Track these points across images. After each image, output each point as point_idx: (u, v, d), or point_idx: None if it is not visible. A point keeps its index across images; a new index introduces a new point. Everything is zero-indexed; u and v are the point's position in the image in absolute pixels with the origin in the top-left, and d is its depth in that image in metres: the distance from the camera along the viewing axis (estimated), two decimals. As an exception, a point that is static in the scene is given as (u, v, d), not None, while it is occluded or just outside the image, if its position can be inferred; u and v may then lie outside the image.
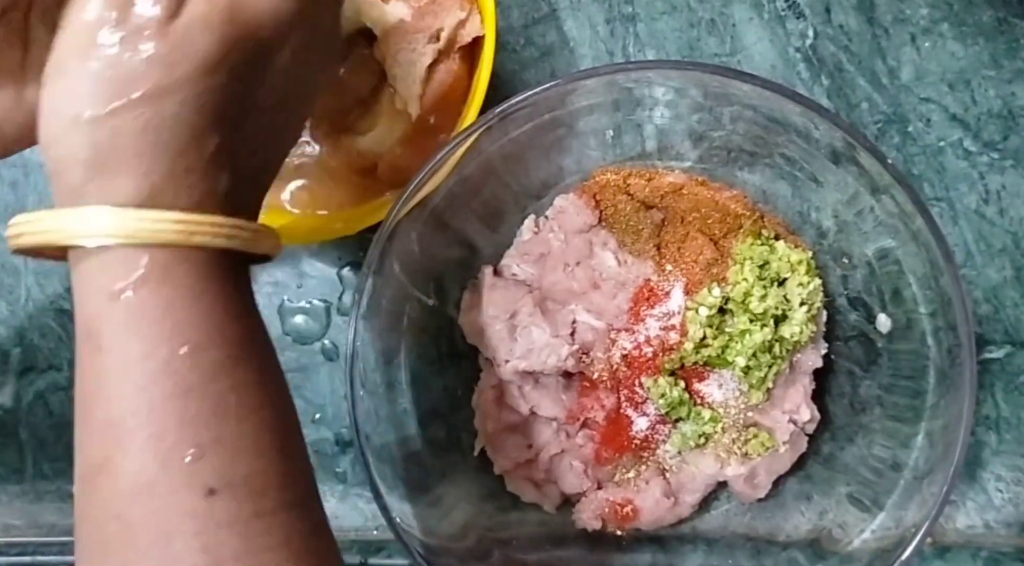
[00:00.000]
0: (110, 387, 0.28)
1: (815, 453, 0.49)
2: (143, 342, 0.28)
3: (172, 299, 0.28)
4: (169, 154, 0.28)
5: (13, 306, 0.54)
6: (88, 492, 0.29)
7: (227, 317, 0.30)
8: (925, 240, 0.42)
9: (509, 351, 0.47)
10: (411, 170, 0.44)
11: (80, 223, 0.28)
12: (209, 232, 0.29)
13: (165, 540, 0.28)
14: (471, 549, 0.48)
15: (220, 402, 0.28)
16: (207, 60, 0.28)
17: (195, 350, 0.28)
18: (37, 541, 0.54)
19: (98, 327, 0.29)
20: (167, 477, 0.28)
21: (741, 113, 0.46)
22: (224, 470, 0.28)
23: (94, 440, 0.29)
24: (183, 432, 0.28)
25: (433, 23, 0.44)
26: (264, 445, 0.29)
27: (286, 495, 0.29)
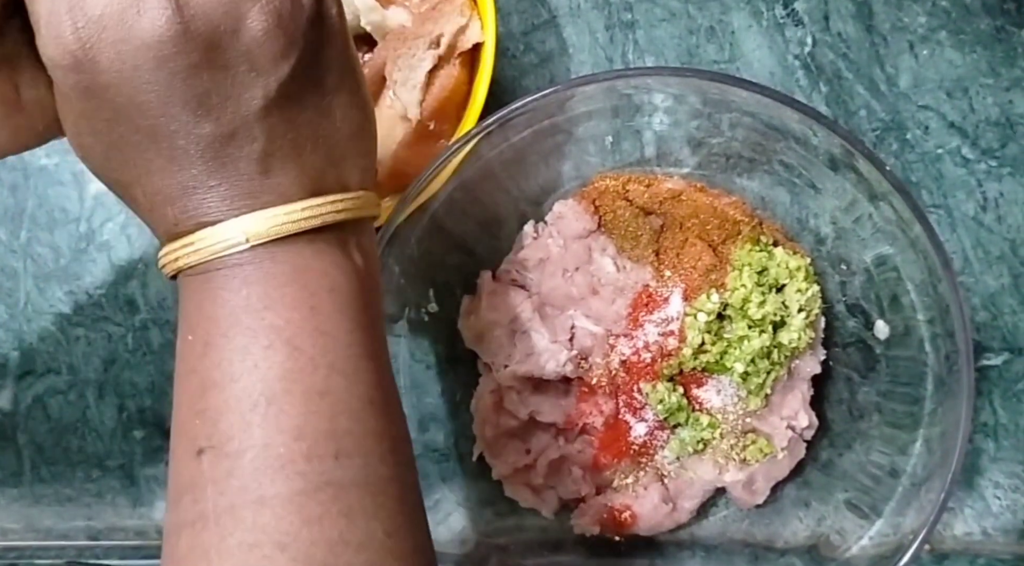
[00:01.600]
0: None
1: (813, 459, 0.49)
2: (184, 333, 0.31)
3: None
4: (253, 164, 0.30)
5: (12, 310, 0.54)
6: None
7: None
8: (923, 247, 0.42)
9: (508, 356, 0.47)
10: (411, 175, 0.44)
11: (229, 233, 0.30)
12: (328, 211, 0.31)
13: (176, 493, 0.30)
14: (469, 555, 0.48)
15: (209, 376, 0.30)
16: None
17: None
18: (34, 545, 0.54)
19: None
20: (178, 438, 0.31)
21: (740, 120, 0.46)
22: (210, 432, 0.30)
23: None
24: (193, 402, 0.31)
25: (433, 29, 0.44)
26: (243, 409, 0.30)
27: (268, 454, 0.29)
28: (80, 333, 0.54)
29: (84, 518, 0.54)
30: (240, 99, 0.29)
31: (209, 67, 0.29)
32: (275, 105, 0.30)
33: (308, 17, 0.30)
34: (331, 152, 0.32)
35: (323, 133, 0.32)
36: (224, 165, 0.30)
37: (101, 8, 0.28)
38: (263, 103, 0.30)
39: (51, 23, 0.28)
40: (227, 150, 0.30)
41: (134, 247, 0.54)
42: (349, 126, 0.33)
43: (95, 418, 0.54)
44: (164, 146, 0.29)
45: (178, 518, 0.30)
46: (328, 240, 0.32)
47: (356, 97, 0.33)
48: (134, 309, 0.54)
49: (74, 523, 0.54)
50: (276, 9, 0.29)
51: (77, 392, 0.54)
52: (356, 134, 0.33)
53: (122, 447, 0.54)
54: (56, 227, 0.54)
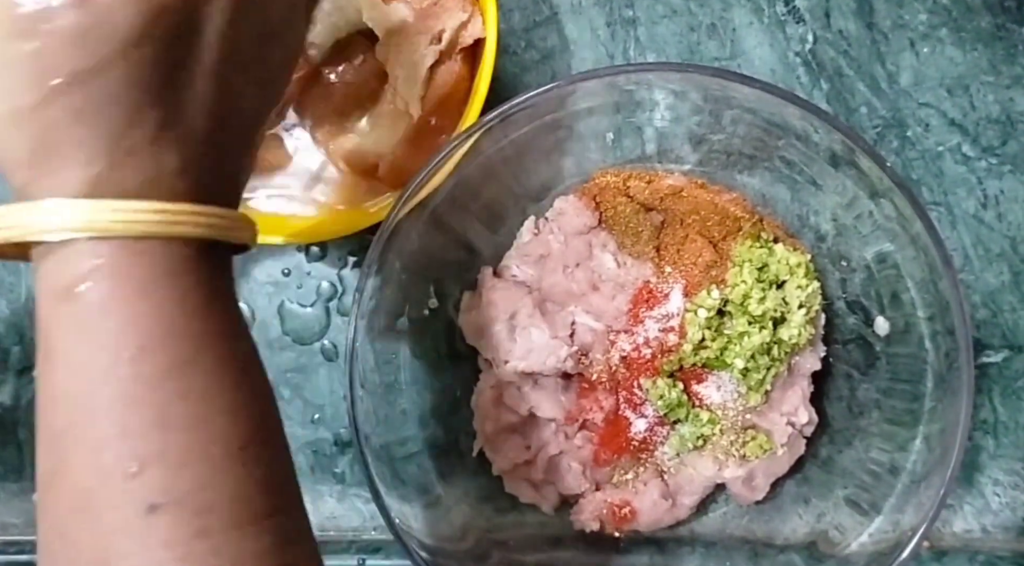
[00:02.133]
0: (56, 395, 0.27)
1: (813, 456, 0.49)
2: (86, 346, 0.26)
3: (118, 298, 0.26)
4: (109, 138, 0.26)
5: (13, 304, 0.54)
6: (40, 506, 0.27)
7: (182, 315, 0.27)
8: (923, 244, 0.42)
9: (508, 352, 0.47)
10: (412, 171, 0.44)
11: (30, 217, 0.26)
12: (153, 220, 0.26)
13: (103, 561, 0.26)
14: (470, 550, 0.48)
15: (165, 412, 0.26)
16: (131, 32, 0.25)
17: (139, 354, 0.26)
18: (35, 540, 0.53)
19: (46, 330, 0.27)
20: (107, 492, 0.26)
21: (741, 116, 0.46)
22: (168, 485, 0.26)
23: (43, 451, 0.27)
24: (123, 444, 0.26)
25: (435, 24, 0.44)
26: (216, 457, 0.26)
27: (241, 512, 0.27)
28: (81, 328, 0.54)
29: (84, 513, 0.54)
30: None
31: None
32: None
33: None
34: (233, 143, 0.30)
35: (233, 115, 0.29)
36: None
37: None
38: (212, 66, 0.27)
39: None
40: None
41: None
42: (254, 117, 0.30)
43: (96, 413, 0.54)
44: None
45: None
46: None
47: (273, 90, 0.31)
48: (135, 304, 0.54)
49: (74, 518, 0.54)
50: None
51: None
52: (255, 130, 0.31)
53: (123, 442, 0.54)
54: (57, 222, 0.54)
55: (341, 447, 0.53)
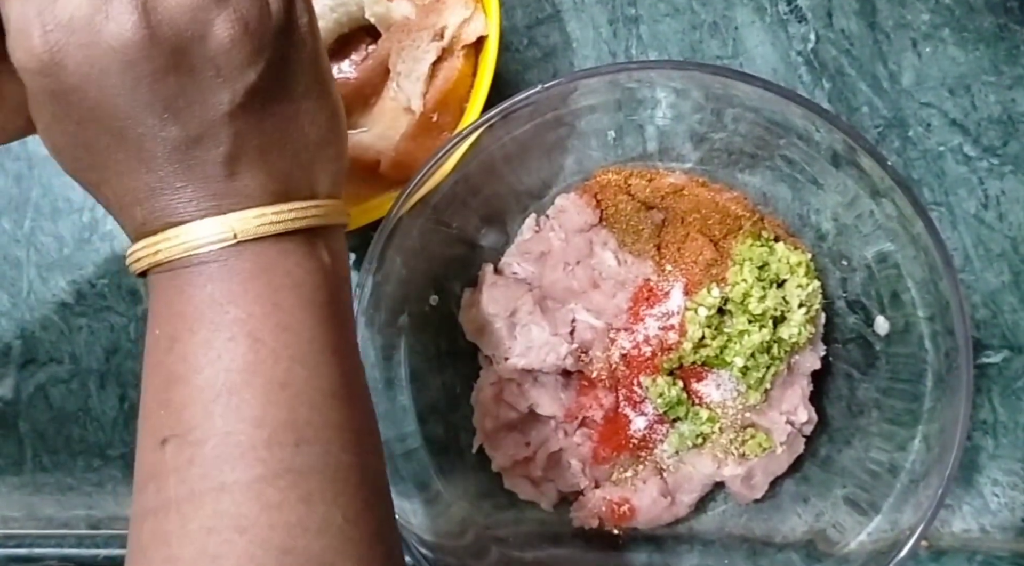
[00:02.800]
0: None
1: (812, 455, 0.49)
2: (152, 330, 0.31)
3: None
4: (219, 167, 0.31)
5: (15, 298, 0.54)
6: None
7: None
8: (924, 244, 0.43)
9: (508, 349, 0.47)
10: (413, 167, 0.44)
11: (197, 232, 0.31)
12: (293, 217, 0.32)
13: (143, 482, 0.31)
14: (469, 546, 0.48)
15: (173, 370, 0.31)
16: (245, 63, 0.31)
17: (161, 335, 0.31)
18: (35, 533, 0.54)
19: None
20: (144, 429, 0.31)
21: (742, 115, 0.46)
22: (172, 423, 0.30)
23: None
24: (154, 395, 0.31)
25: (437, 21, 0.44)
26: (205, 399, 0.30)
27: (229, 441, 0.30)
28: (82, 322, 0.54)
29: (85, 507, 0.54)
30: (206, 104, 0.30)
31: (176, 72, 0.29)
32: (241, 110, 0.31)
33: (276, 26, 0.31)
34: (298, 157, 0.33)
35: (290, 138, 0.32)
36: (190, 168, 0.30)
37: (70, 12, 0.28)
38: (229, 108, 0.30)
39: (20, 27, 0.29)
40: (193, 153, 0.30)
41: (137, 237, 0.54)
42: (317, 132, 0.33)
43: (96, 407, 0.54)
44: (132, 148, 0.30)
45: (142, 506, 0.30)
46: (294, 241, 0.32)
47: (325, 103, 0.34)
48: (136, 299, 0.54)
49: (75, 512, 0.54)
50: (243, 17, 0.30)
51: (79, 381, 0.54)
52: (324, 140, 0.34)
53: (123, 436, 0.54)
54: (60, 217, 0.54)
55: (341, 443, 0.53)
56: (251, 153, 0.31)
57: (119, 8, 0.28)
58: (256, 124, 0.31)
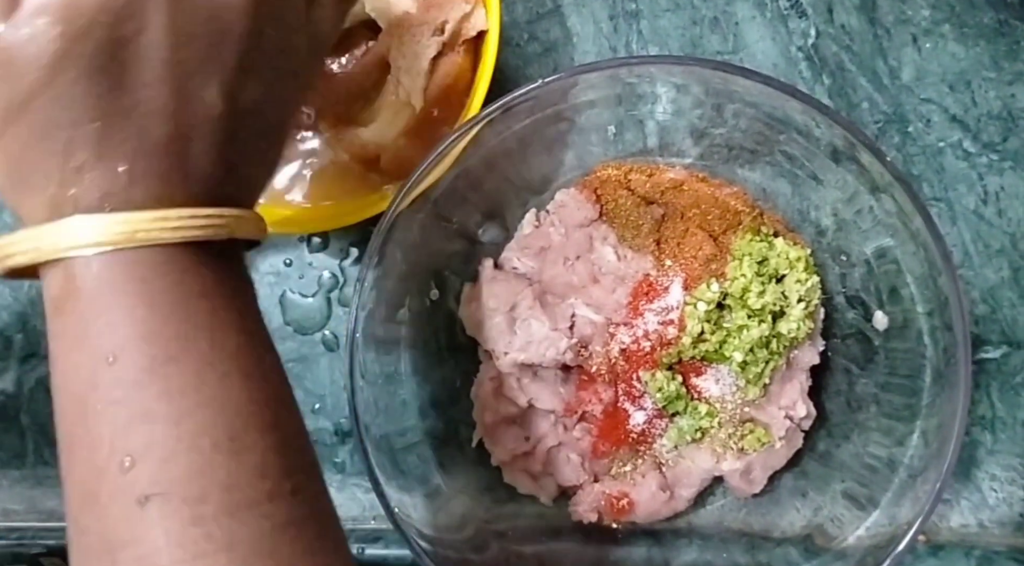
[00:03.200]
0: (59, 400, 0.29)
1: (811, 450, 0.49)
2: (75, 354, 0.28)
3: (96, 306, 0.28)
4: (56, 160, 0.27)
5: (16, 292, 0.55)
6: (64, 500, 0.29)
7: (156, 318, 0.28)
8: (923, 240, 0.43)
9: (508, 343, 0.47)
10: (414, 162, 0.44)
11: (37, 241, 0.28)
12: (119, 231, 0.28)
13: (107, 548, 0.27)
14: (469, 540, 0.48)
15: (148, 409, 0.27)
16: (50, 60, 0.26)
17: (117, 358, 0.27)
18: (37, 526, 0.54)
19: (49, 339, 0.29)
20: (105, 486, 0.27)
21: (742, 110, 0.46)
22: (157, 477, 0.27)
23: (60, 452, 0.29)
24: (114, 441, 0.27)
25: (438, 16, 0.44)
26: (204, 447, 0.27)
27: (234, 497, 0.27)
28: (83, 316, 0.54)
29: (86, 500, 0.54)
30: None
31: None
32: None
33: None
34: (231, 151, 0.30)
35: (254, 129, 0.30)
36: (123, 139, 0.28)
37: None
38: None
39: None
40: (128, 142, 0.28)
41: (138, 231, 0.54)
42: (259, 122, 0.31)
43: (98, 401, 0.54)
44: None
45: None
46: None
47: (273, 90, 0.31)
48: (137, 293, 0.54)
49: (76, 505, 0.54)
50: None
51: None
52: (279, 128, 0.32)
53: (124, 430, 0.54)
54: (60, 211, 0.54)
55: (341, 437, 0.54)
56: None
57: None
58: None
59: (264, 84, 0.31)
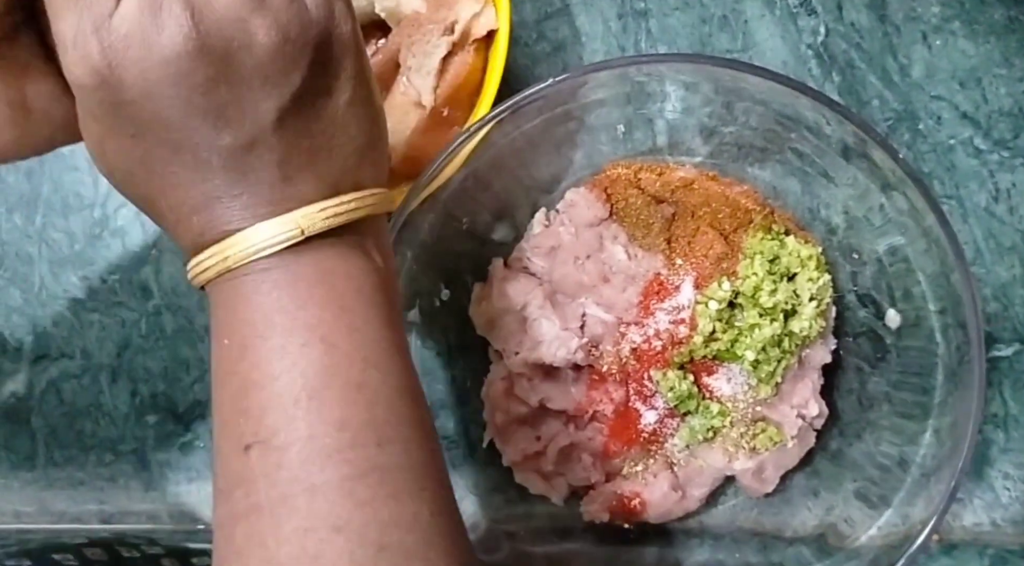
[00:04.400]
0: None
1: (823, 449, 0.49)
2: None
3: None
4: (275, 171, 0.31)
5: (27, 294, 0.55)
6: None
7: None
8: (935, 237, 0.42)
9: (519, 343, 0.47)
10: (424, 162, 0.44)
11: (265, 233, 0.31)
12: (348, 209, 0.32)
13: (227, 486, 0.31)
14: (480, 541, 0.48)
15: (248, 377, 0.31)
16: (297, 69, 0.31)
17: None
18: (48, 528, 0.54)
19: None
20: (224, 438, 0.32)
21: (752, 108, 0.46)
22: (255, 429, 0.31)
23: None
24: (235, 401, 0.31)
25: (448, 15, 0.44)
26: (286, 405, 0.31)
27: (314, 445, 0.30)
28: (94, 318, 0.54)
29: (97, 502, 0.55)
30: (257, 111, 0.30)
31: (226, 81, 0.30)
32: (289, 115, 0.31)
33: (318, 32, 0.31)
34: (346, 157, 0.33)
35: (336, 143, 0.33)
36: (245, 174, 0.31)
37: (127, 27, 0.29)
38: (277, 114, 0.31)
39: (78, 43, 0.29)
40: (247, 160, 0.31)
41: (148, 233, 0.54)
42: (362, 133, 0.34)
43: (108, 403, 0.54)
44: (187, 158, 0.31)
45: (231, 511, 0.31)
46: (348, 243, 0.33)
47: (369, 107, 0.34)
48: (147, 294, 0.54)
49: (87, 507, 0.55)
50: (284, 24, 0.30)
51: (91, 377, 0.54)
52: (369, 139, 0.34)
53: (135, 432, 0.54)
54: (71, 213, 0.54)
55: (351, 438, 0.53)
56: (302, 156, 0.32)
57: (171, 21, 0.29)
58: (304, 129, 0.32)
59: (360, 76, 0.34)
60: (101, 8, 0.28)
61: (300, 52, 0.31)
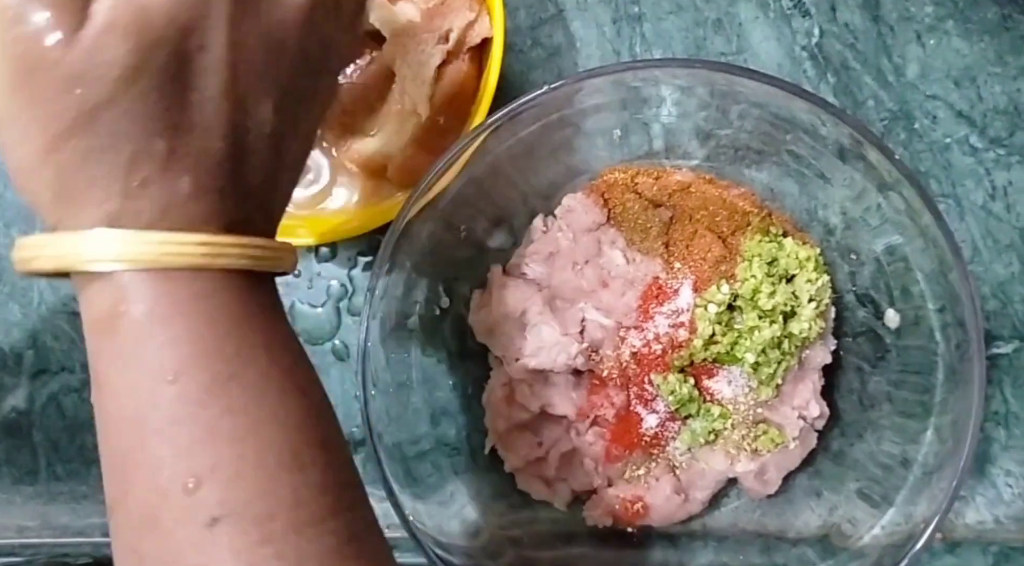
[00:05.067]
0: (110, 421, 0.28)
1: (824, 449, 0.49)
2: (130, 373, 0.27)
3: (154, 323, 0.27)
4: (120, 173, 0.27)
5: (26, 309, 0.55)
6: (112, 524, 0.29)
7: (216, 336, 0.28)
8: (933, 236, 0.43)
9: (519, 349, 0.47)
10: (421, 171, 0.44)
11: (73, 247, 0.27)
12: (196, 251, 0.27)
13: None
14: (483, 547, 0.48)
15: (212, 428, 0.27)
16: (123, 71, 0.26)
17: (179, 376, 0.27)
18: (51, 542, 0.54)
19: (94, 358, 0.28)
20: (169, 509, 0.27)
21: (748, 111, 0.46)
22: (225, 497, 0.27)
23: (107, 474, 0.28)
24: (177, 463, 0.27)
25: (442, 24, 0.44)
26: (269, 465, 0.28)
27: (301, 514, 0.28)
28: (94, 331, 0.54)
29: (99, 515, 0.54)
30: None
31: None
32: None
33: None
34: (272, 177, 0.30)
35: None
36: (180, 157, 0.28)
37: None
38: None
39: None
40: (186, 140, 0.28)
41: (146, 245, 0.54)
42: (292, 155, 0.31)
43: (109, 416, 0.54)
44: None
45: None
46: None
47: (308, 126, 0.32)
48: (147, 307, 0.54)
49: (89, 520, 0.55)
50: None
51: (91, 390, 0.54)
52: (294, 165, 0.32)
53: (136, 444, 0.54)
54: (68, 226, 0.54)
55: (354, 446, 0.54)
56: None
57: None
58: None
59: (305, 102, 0.31)
60: None
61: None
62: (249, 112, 0.29)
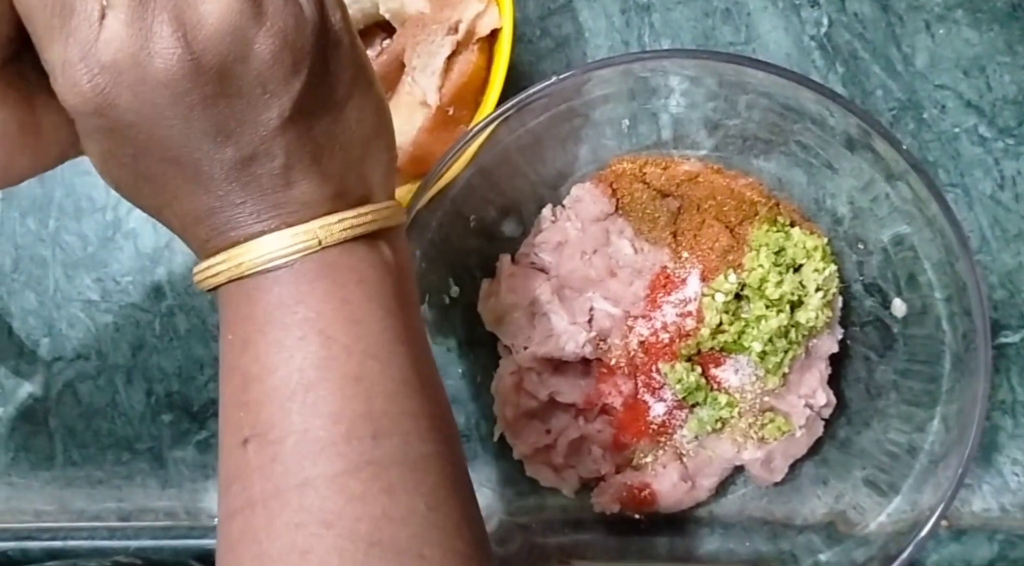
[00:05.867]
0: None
1: (831, 437, 0.49)
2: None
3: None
4: (271, 188, 0.31)
5: (42, 297, 0.55)
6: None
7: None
8: (940, 226, 0.43)
9: (528, 338, 0.48)
10: (430, 161, 0.45)
11: (270, 246, 0.31)
12: (365, 221, 0.32)
13: (225, 482, 0.32)
14: (493, 534, 0.49)
15: (247, 370, 0.32)
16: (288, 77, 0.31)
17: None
18: (67, 526, 0.55)
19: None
20: (225, 431, 0.32)
21: (756, 101, 0.46)
22: (252, 422, 0.31)
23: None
24: (235, 395, 0.32)
25: (451, 15, 0.44)
26: (283, 398, 0.31)
27: (307, 439, 0.30)
28: (108, 319, 0.55)
29: (115, 500, 0.55)
30: (257, 121, 0.30)
31: (224, 95, 0.29)
32: (291, 121, 0.31)
33: (313, 31, 0.30)
34: (349, 155, 0.33)
35: (340, 139, 0.32)
36: (248, 184, 0.31)
37: (112, 55, 0.28)
38: (279, 122, 0.30)
39: (66, 72, 0.28)
40: (250, 169, 0.31)
41: (160, 235, 0.55)
42: (364, 128, 0.33)
43: (124, 402, 0.55)
44: (190, 173, 0.30)
45: (229, 505, 0.31)
46: (356, 240, 0.33)
47: (368, 99, 0.34)
48: (160, 295, 0.55)
49: (105, 505, 0.55)
50: (281, 30, 0.29)
51: (106, 377, 0.55)
52: (372, 134, 0.34)
53: (151, 430, 0.55)
54: (83, 216, 0.55)
55: (364, 433, 0.54)
56: (305, 161, 0.31)
57: (161, 43, 0.28)
58: (306, 131, 0.31)
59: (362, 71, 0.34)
60: (85, 34, 0.28)
61: (300, 56, 0.30)
62: (358, 101, 0.34)
